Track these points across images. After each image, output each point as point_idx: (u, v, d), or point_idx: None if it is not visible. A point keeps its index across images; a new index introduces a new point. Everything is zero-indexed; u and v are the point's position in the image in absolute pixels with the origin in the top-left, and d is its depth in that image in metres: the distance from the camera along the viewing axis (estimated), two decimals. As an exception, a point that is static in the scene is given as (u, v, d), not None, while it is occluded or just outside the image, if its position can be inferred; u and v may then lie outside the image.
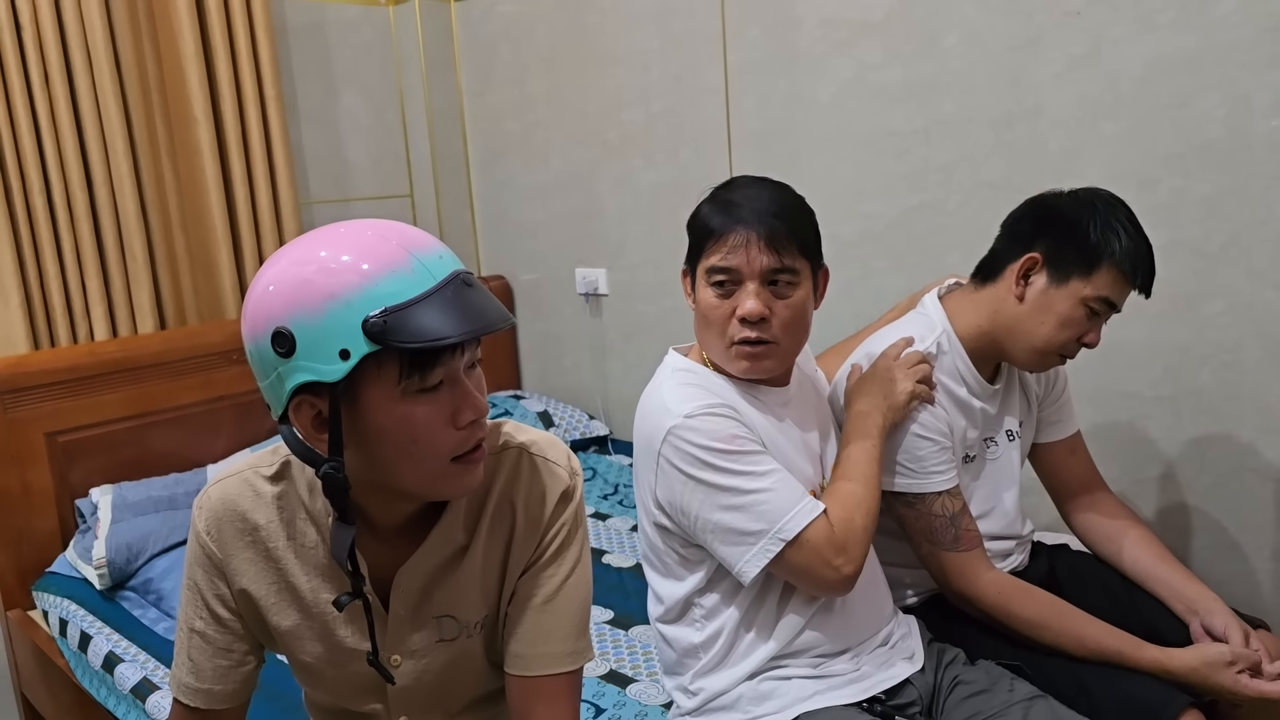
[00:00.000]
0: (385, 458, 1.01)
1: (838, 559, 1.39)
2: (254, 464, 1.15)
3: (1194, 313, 1.99)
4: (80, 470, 2.59)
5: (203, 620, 1.15)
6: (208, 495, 1.14)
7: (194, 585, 1.15)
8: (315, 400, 0.99)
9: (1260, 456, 1.97)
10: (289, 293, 0.95)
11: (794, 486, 1.42)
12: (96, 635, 2.20)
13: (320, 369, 0.95)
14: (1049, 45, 2.09)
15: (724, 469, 1.39)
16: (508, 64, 3.28)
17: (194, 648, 1.16)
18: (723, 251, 1.42)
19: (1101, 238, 1.52)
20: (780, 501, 1.39)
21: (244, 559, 1.13)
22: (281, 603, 1.15)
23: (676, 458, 1.41)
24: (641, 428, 1.49)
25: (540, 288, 3.40)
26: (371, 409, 0.98)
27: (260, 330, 0.97)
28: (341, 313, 0.93)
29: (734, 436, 1.40)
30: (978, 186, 2.24)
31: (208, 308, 2.95)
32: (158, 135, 2.80)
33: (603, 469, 3.01)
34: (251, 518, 1.13)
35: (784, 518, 1.38)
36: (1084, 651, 1.52)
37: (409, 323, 0.94)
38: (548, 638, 1.15)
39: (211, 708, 1.17)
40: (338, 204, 3.24)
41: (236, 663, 1.17)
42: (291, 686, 1.32)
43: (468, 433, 1.03)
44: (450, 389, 1.01)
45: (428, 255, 0.98)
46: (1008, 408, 1.73)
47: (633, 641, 2.01)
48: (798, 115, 2.55)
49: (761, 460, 1.41)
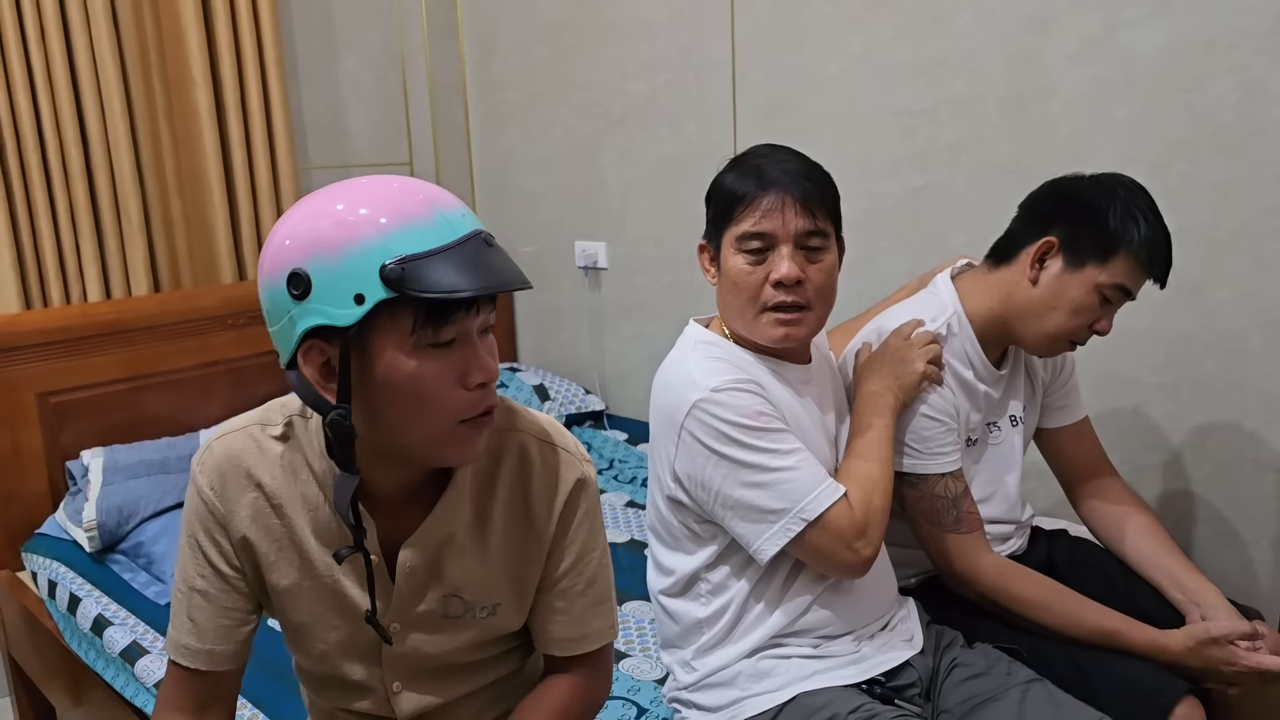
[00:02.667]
0: (392, 413, 1.01)
1: (857, 541, 1.39)
2: (260, 420, 1.14)
3: (1200, 300, 1.98)
4: (71, 432, 2.57)
5: (204, 578, 1.14)
6: (210, 450, 1.13)
7: (195, 543, 1.14)
8: (326, 347, 0.98)
9: (1262, 446, 1.96)
10: (310, 236, 0.96)
11: (816, 467, 1.41)
12: (86, 598, 2.19)
13: (334, 312, 0.95)
14: (1062, 26, 2.06)
15: (749, 445, 1.38)
16: (511, 32, 3.25)
17: (194, 607, 1.14)
18: (755, 216, 1.40)
19: (1121, 225, 1.50)
20: (804, 481, 1.38)
21: (245, 515, 1.12)
22: (281, 560, 1.14)
23: (700, 431, 1.40)
24: (662, 399, 1.47)
25: (539, 260, 3.37)
26: (382, 360, 0.98)
27: (278, 272, 0.97)
28: (360, 257, 0.94)
29: (760, 413, 1.39)
30: (986, 168, 2.22)
31: (203, 271, 2.92)
32: (155, 96, 2.76)
33: (598, 444, 2.99)
34: (255, 473, 1.11)
35: (806, 498, 1.38)
36: (1081, 633, 1.52)
37: (427, 273, 0.94)
38: (593, 619, 1.22)
39: (212, 669, 1.15)
40: (336, 170, 3.20)
41: (238, 622, 1.16)
42: (282, 654, 1.30)
43: (477, 396, 1.02)
44: (462, 348, 1.00)
45: (451, 211, 0.99)
46: (1012, 393, 1.72)
47: (626, 617, 2.00)
48: (805, 91, 2.52)
49: (786, 439, 1.40)
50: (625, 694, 1.70)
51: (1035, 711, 1.38)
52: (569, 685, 1.24)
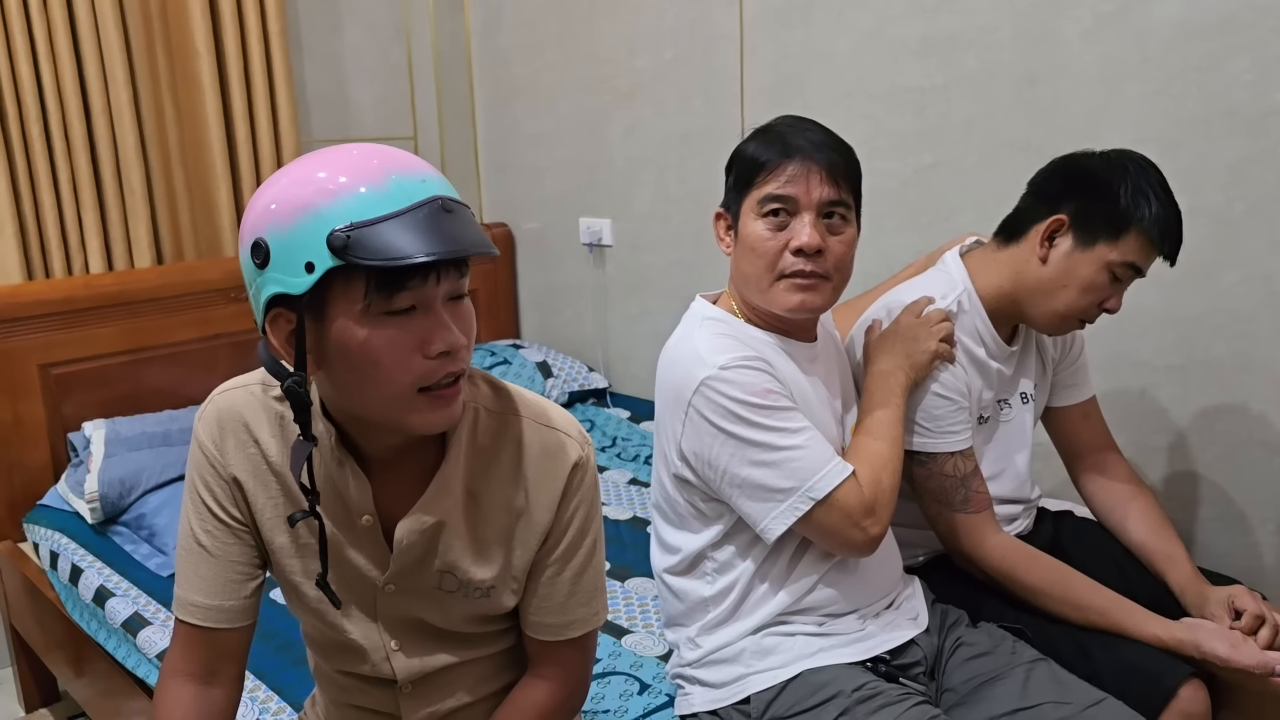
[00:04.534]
0: (348, 379, 1.01)
1: (866, 520, 1.38)
2: (262, 380, 1.15)
3: (1211, 281, 1.96)
4: (73, 403, 2.57)
5: (208, 532, 1.14)
6: (213, 403, 1.15)
7: (197, 497, 1.14)
8: (289, 314, 0.99)
9: (1270, 429, 1.95)
10: (267, 207, 0.97)
11: (824, 445, 1.40)
12: (88, 569, 2.19)
13: (288, 280, 0.96)
14: (1076, 2, 2.03)
15: (757, 424, 1.37)
16: (518, 5, 3.22)
17: (201, 563, 1.14)
18: (780, 180, 1.39)
19: (1131, 202, 1.48)
20: (812, 459, 1.37)
21: (245, 468, 1.13)
22: (276, 518, 1.14)
23: (708, 409, 1.38)
24: (669, 376, 1.46)
25: (543, 236, 3.35)
26: (337, 327, 0.98)
27: (245, 242, 0.99)
28: (310, 225, 0.94)
29: (768, 391, 1.37)
30: (997, 146, 2.20)
31: (206, 244, 2.91)
32: (158, 66, 2.74)
33: (601, 421, 2.99)
34: (254, 429, 1.13)
35: (815, 476, 1.36)
36: (1084, 619, 1.52)
37: (373, 239, 0.93)
38: (577, 606, 1.20)
39: (221, 626, 1.15)
40: (340, 143, 3.17)
41: (246, 576, 1.16)
42: (284, 625, 1.30)
43: (437, 364, 1.00)
44: (423, 316, 0.99)
45: (408, 177, 0.98)
46: (1023, 370, 1.71)
47: (629, 593, 2.00)
48: (814, 67, 2.50)
49: (794, 417, 1.39)
50: (628, 669, 1.70)
51: (1039, 691, 1.38)
52: (546, 691, 1.23)
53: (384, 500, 1.12)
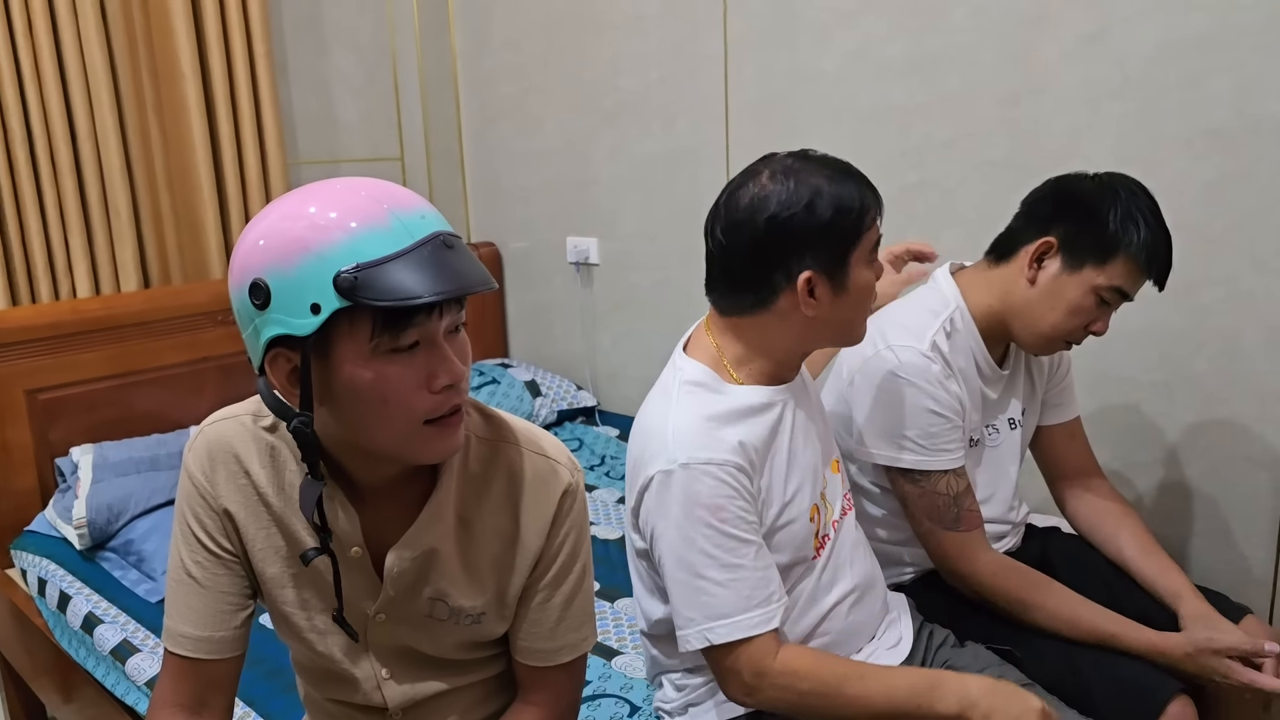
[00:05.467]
0: (356, 416, 1.01)
1: (752, 684, 1.28)
2: (252, 410, 1.15)
3: (1194, 299, 1.98)
4: (61, 429, 2.56)
5: (198, 564, 1.14)
6: (203, 434, 1.15)
7: (187, 528, 1.14)
8: (290, 354, 0.99)
9: (1255, 444, 1.96)
10: (267, 245, 0.96)
11: (755, 586, 1.27)
12: (76, 595, 2.17)
13: (292, 322, 0.95)
14: (1057, 23, 2.05)
15: (690, 538, 1.27)
16: (504, 27, 3.23)
17: (191, 594, 1.14)
18: (878, 227, 1.34)
19: (1121, 227, 1.49)
20: (728, 602, 1.26)
21: (235, 499, 1.13)
22: (268, 549, 1.14)
23: (658, 496, 1.30)
24: (637, 444, 1.38)
25: (531, 256, 3.36)
26: (343, 366, 0.98)
27: (239, 281, 0.98)
28: (314, 266, 0.93)
29: (720, 509, 1.26)
30: (980, 165, 2.22)
31: (193, 268, 2.90)
32: (144, 89, 2.74)
33: (589, 440, 2.99)
34: (244, 461, 1.12)
35: (721, 621, 1.27)
36: (1077, 634, 1.52)
37: (381, 280, 0.93)
38: (567, 631, 1.20)
39: (211, 657, 1.15)
40: (326, 165, 3.18)
41: (236, 606, 1.16)
42: (274, 652, 1.30)
43: (442, 397, 1.01)
44: (427, 351, 1.00)
45: (408, 214, 0.97)
46: (1012, 392, 1.72)
47: (619, 614, 2.00)
48: (798, 87, 2.51)
49: (735, 549, 1.27)
50: (618, 691, 1.70)
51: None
52: (536, 717, 1.22)
53: (372, 530, 1.12)
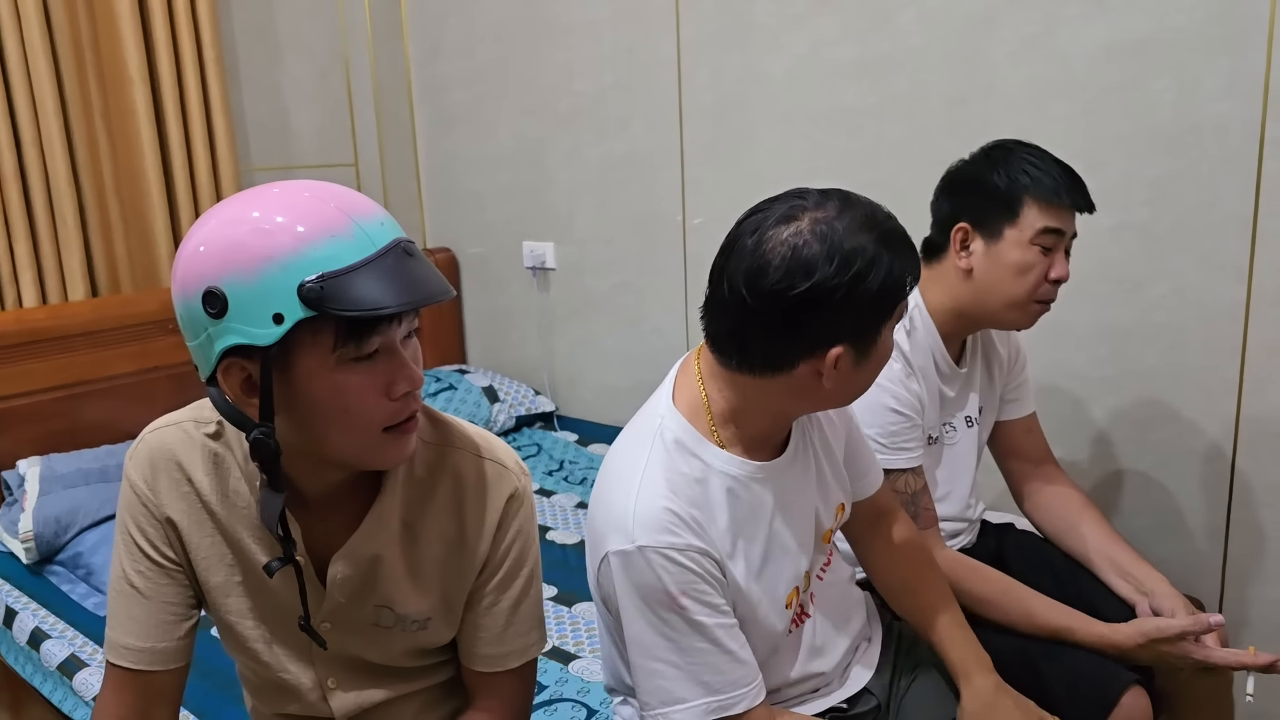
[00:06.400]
0: (316, 425, 0.99)
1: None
2: (193, 416, 1.12)
3: (1140, 295, 2.01)
4: (7, 441, 2.51)
5: (140, 573, 1.12)
6: (144, 442, 1.12)
7: (129, 538, 1.12)
8: (246, 364, 0.96)
9: (1201, 437, 1.99)
10: (223, 252, 0.92)
11: (717, 671, 1.18)
12: (22, 611, 2.13)
13: (252, 332, 0.92)
14: (1003, 24, 2.08)
15: (651, 620, 1.17)
16: (456, 32, 3.22)
17: (133, 604, 1.12)
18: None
19: (1010, 180, 1.54)
20: (686, 688, 1.17)
21: (178, 507, 1.11)
22: (213, 557, 1.12)
23: (617, 575, 1.18)
24: (600, 510, 1.22)
25: (487, 261, 3.34)
26: (304, 375, 0.95)
27: (191, 289, 0.93)
28: (277, 276, 0.90)
29: (675, 599, 1.15)
30: (930, 164, 2.20)
31: (142, 275, 2.86)
32: (90, 95, 2.70)
33: (548, 445, 2.98)
34: (187, 468, 1.10)
35: (677, 707, 1.18)
36: (1032, 628, 1.53)
37: (347, 290, 0.91)
38: (515, 636, 1.19)
39: (154, 669, 1.13)
40: (279, 171, 3.15)
41: (179, 617, 1.14)
42: (224, 663, 1.28)
43: (401, 404, 1.00)
44: (386, 359, 0.98)
45: (368, 221, 0.95)
46: (969, 390, 1.73)
47: (575, 618, 1.99)
48: (751, 90, 2.53)
49: (695, 633, 1.17)
50: (575, 695, 1.69)
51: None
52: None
53: (314, 538, 1.11)
